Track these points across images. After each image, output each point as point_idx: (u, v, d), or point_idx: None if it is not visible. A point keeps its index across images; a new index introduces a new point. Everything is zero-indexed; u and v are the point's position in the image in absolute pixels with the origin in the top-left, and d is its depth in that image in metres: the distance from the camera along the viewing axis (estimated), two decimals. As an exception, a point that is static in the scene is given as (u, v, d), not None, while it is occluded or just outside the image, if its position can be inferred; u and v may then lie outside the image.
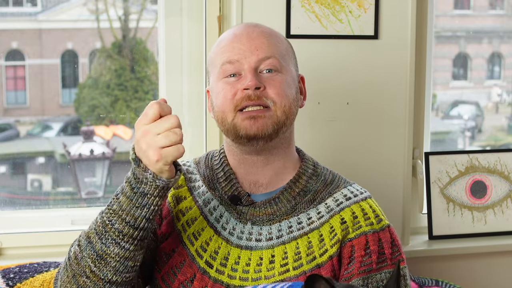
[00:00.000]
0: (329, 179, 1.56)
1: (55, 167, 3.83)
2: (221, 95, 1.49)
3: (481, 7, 4.40)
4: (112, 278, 1.36)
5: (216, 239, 1.49)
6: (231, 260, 1.48)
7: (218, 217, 1.51)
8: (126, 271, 1.37)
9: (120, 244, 1.34)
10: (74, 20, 3.35)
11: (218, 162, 1.57)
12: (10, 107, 3.73)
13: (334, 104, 2.09)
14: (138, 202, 1.33)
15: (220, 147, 1.60)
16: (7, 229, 2.06)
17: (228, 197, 1.52)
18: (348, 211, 1.50)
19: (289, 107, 1.48)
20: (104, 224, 1.36)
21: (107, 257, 1.35)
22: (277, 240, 1.48)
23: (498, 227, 2.31)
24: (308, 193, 1.52)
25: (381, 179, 2.14)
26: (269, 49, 1.49)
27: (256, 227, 1.49)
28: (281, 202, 1.51)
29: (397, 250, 1.50)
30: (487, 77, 4.66)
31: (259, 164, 1.52)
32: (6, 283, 1.71)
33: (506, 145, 4.60)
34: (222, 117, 1.49)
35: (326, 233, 1.47)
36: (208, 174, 1.57)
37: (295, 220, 1.49)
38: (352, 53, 2.09)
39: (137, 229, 1.34)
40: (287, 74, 1.51)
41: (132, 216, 1.34)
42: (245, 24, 1.56)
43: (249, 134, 1.46)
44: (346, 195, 1.53)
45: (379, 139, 2.14)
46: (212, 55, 1.56)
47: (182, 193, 1.56)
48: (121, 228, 1.34)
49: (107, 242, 1.35)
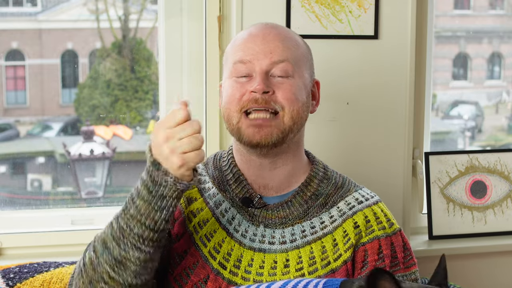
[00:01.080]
0: (339, 183, 1.56)
1: (55, 167, 3.84)
2: (229, 93, 1.47)
3: (481, 7, 4.40)
4: (132, 281, 1.35)
5: (229, 241, 1.49)
6: (244, 262, 1.47)
7: (230, 219, 1.50)
8: (146, 273, 1.37)
9: (141, 248, 1.34)
10: (74, 20, 3.36)
11: (227, 163, 1.56)
12: (10, 107, 3.74)
13: (334, 104, 2.09)
14: (157, 205, 1.32)
15: (229, 148, 1.59)
16: (7, 229, 2.06)
17: (240, 200, 1.51)
18: (360, 215, 1.50)
19: (297, 112, 1.46)
20: (121, 230, 1.34)
21: (126, 262, 1.34)
22: (291, 244, 1.47)
23: (498, 227, 2.31)
24: (319, 197, 1.52)
25: (381, 179, 2.14)
26: (283, 53, 1.46)
27: (268, 230, 1.49)
28: (294, 206, 1.50)
29: (409, 254, 1.51)
30: (487, 77, 4.66)
31: (267, 168, 1.51)
32: (6, 283, 1.71)
33: (506, 145, 4.60)
34: (228, 116, 1.48)
35: (339, 237, 1.47)
36: (218, 176, 1.56)
37: (308, 224, 1.49)
38: (352, 53, 2.09)
39: (157, 232, 1.34)
40: (299, 79, 1.48)
41: (152, 219, 1.32)
42: (263, 25, 1.53)
43: (252, 142, 1.45)
44: (357, 198, 1.53)
45: (379, 139, 2.14)
46: (227, 51, 1.54)
47: (193, 194, 1.54)
48: (141, 232, 1.33)
49: (126, 248, 1.34)
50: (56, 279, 1.73)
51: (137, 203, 1.33)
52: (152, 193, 1.32)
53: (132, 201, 1.35)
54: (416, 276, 1.50)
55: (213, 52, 2.08)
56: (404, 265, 1.48)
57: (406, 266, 1.49)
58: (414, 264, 1.51)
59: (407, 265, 1.49)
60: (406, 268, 1.48)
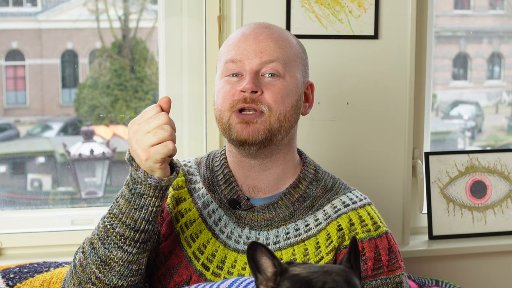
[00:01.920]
0: (329, 185, 1.55)
1: (55, 167, 3.83)
2: (221, 94, 1.48)
3: (481, 7, 4.40)
4: (118, 283, 1.35)
5: (214, 242, 1.49)
6: (227, 263, 1.47)
7: (216, 220, 1.51)
8: (131, 275, 1.37)
9: (123, 248, 1.34)
10: (74, 20, 3.35)
11: (219, 164, 1.56)
12: (10, 107, 3.73)
13: (334, 104, 2.09)
14: (136, 203, 1.33)
15: (222, 148, 1.60)
16: (7, 229, 2.06)
17: (227, 201, 1.52)
18: (345, 218, 1.49)
19: (284, 115, 1.46)
20: (106, 229, 1.36)
21: (110, 262, 1.35)
22: (274, 246, 1.47)
23: (498, 227, 2.31)
24: (307, 199, 1.52)
25: (381, 179, 2.14)
26: (273, 53, 1.47)
27: (254, 232, 1.49)
28: (280, 208, 1.50)
29: (395, 257, 1.49)
30: (487, 77, 4.65)
31: (257, 169, 1.51)
32: (6, 283, 1.71)
33: (506, 145, 4.59)
34: (220, 116, 1.49)
35: (322, 240, 1.47)
36: (208, 176, 1.56)
37: (292, 227, 1.49)
38: (352, 53, 2.09)
39: (138, 232, 1.34)
40: (290, 80, 1.48)
41: (132, 218, 1.34)
42: (256, 25, 1.53)
43: (240, 138, 1.45)
44: (344, 202, 1.52)
45: (379, 139, 2.14)
46: (220, 51, 1.55)
47: (182, 194, 1.55)
48: (122, 231, 1.34)
49: (110, 247, 1.34)
50: (56, 279, 1.73)
51: (120, 202, 1.35)
52: (131, 191, 1.33)
53: (116, 200, 1.37)
54: (400, 280, 1.48)
55: (213, 52, 2.08)
56: (388, 268, 1.47)
57: (390, 269, 1.47)
58: (400, 267, 1.49)
59: (391, 268, 1.48)
60: (390, 271, 1.47)
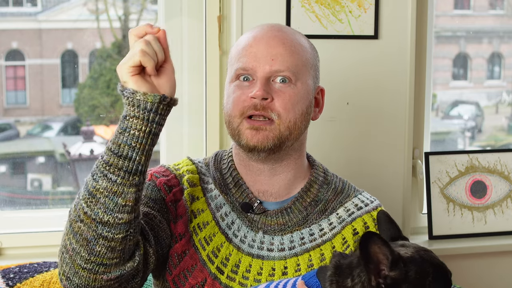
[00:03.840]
0: (339, 188, 1.55)
1: (55, 167, 3.83)
2: (231, 99, 1.47)
3: (481, 7, 4.39)
4: (104, 217, 1.28)
5: (228, 245, 1.48)
6: (242, 267, 1.47)
7: (229, 224, 1.50)
8: (117, 210, 1.28)
9: (107, 176, 1.28)
10: (74, 20, 3.35)
11: (226, 166, 1.55)
12: (10, 107, 3.73)
13: (334, 104, 2.09)
14: (120, 127, 1.28)
15: (229, 149, 1.58)
16: (7, 229, 2.06)
17: (240, 204, 1.51)
18: (360, 222, 1.50)
19: (294, 122, 1.45)
20: (96, 161, 1.31)
21: (96, 193, 1.28)
22: (290, 251, 1.47)
23: (498, 227, 2.31)
24: (319, 203, 1.52)
25: (381, 179, 2.14)
26: (284, 63, 1.45)
27: (267, 236, 1.49)
28: (293, 213, 1.50)
29: None
30: (487, 77, 4.65)
31: (267, 173, 1.51)
32: (6, 283, 1.71)
33: (506, 145, 4.59)
34: (229, 121, 1.48)
35: (338, 244, 1.48)
36: (219, 178, 1.55)
37: (307, 232, 1.49)
38: (352, 53, 2.09)
39: (121, 158, 1.27)
40: (301, 86, 1.47)
41: (116, 143, 1.28)
42: (268, 27, 1.50)
43: (249, 144, 1.44)
44: (357, 204, 1.53)
45: (379, 139, 2.14)
46: (231, 54, 1.53)
47: (196, 192, 1.53)
48: (107, 158, 1.28)
49: (96, 177, 1.29)
50: (56, 279, 1.73)
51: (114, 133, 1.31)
52: (120, 119, 1.29)
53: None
54: None
55: (213, 52, 2.08)
56: None
57: None
58: None
59: None
60: None
